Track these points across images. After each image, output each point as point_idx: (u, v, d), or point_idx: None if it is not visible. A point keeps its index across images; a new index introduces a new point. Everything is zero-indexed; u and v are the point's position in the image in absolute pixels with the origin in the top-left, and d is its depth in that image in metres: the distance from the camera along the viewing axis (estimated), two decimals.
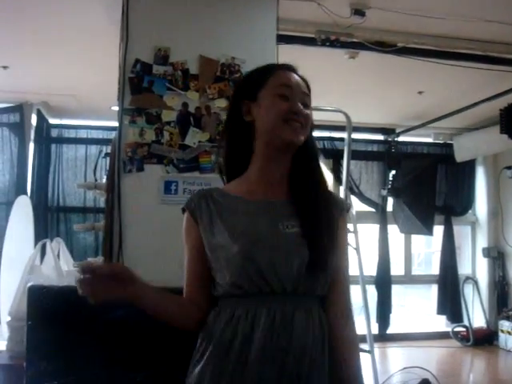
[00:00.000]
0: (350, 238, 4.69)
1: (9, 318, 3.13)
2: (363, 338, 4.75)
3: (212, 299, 1.66)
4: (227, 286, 1.59)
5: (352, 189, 7.61)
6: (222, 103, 3.18)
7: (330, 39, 4.28)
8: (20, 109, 6.68)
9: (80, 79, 5.74)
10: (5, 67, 5.40)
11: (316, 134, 6.26)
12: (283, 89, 1.67)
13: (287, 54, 3.49)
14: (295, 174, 1.73)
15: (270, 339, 1.53)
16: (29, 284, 2.45)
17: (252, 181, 1.71)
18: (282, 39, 3.73)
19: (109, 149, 5.30)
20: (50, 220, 7.06)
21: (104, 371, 2.00)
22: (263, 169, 1.70)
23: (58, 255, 3.41)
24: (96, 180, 4.51)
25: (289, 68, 1.77)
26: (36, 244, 4.54)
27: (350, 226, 4.66)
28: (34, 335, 2.38)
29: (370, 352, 4.61)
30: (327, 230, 1.66)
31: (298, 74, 1.76)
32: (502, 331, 7.58)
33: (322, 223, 1.65)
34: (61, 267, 3.28)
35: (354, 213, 4.78)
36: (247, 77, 1.84)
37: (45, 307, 2.35)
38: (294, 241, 1.60)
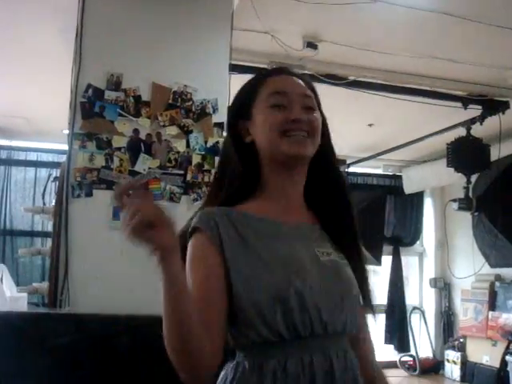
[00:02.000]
0: None
1: None
2: None
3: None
4: (272, 327, 1.27)
5: None
6: (173, 130, 3.19)
7: None
8: None
9: (33, 102, 5.69)
10: None
11: None
12: (276, 97, 1.43)
13: (240, 84, 3.54)
14: (312, 191, 1.50)
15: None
16: None
17: (271, 202, 1.44)
18: (236, 69, 3.77)
19: (59, 172, 5.26)
20: None
21: None
22: (281, 190, 1.45)
23: (1, 280, 3.34)
24: (44, 204, 4.45)
25: (282, 71, 1.52)
26: None
27: None
28: None
29: None
30: (364, 260, 1.50)
31: (296, 75, 1.51)
32: (448, 361, 7.68)
33: (361, 251, 1.48)
34: (4, 292, 3.21)
35: None
36: (238, 93, 1.54)
37: None
38: (337, 271, 1.39)
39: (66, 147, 3.23)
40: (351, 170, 8.07)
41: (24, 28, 4.06)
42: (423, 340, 8.37)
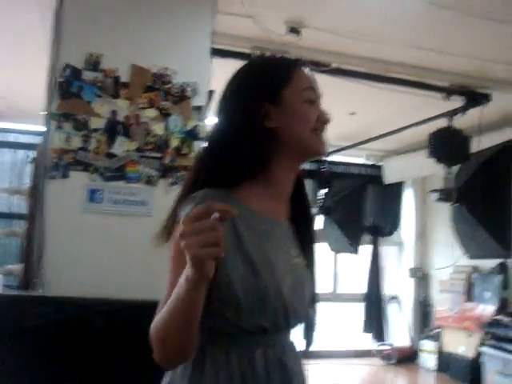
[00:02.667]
0: None
1: None
2: None
3: None
4: (243, 323, 1.32)
5: None
6: (151, 113, 3.15)
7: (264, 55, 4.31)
8: None
9: (10, 81, 5.59)
10: None
11: None
12: (311, 93, 1.43)
13: (221, 68, 3.50)
14: (297, 192, 1.52)
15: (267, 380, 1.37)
16: None
17: (269, 193, 1.44)
18: (217, 53, 3.74)
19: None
20: None
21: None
22: (280, 182, 1.45)
23: None
24: (22, 185, 4.39)
25: (304, 64, 1.52)
26: None
27: None
28: None
29: None
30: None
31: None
32: (423, 350, 7.74)
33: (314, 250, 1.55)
34: None
35: None
36: (263, 73, 1.46)
37: None
38: (303, 273, 1.46)
39: (44, 128, 3.19)
40: (332, 158, 8.06)
41: (1, 6, 3.97)
42: (400, 330, 8.42)
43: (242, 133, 1.38)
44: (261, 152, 1.39)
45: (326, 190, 7.80)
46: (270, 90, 1.42)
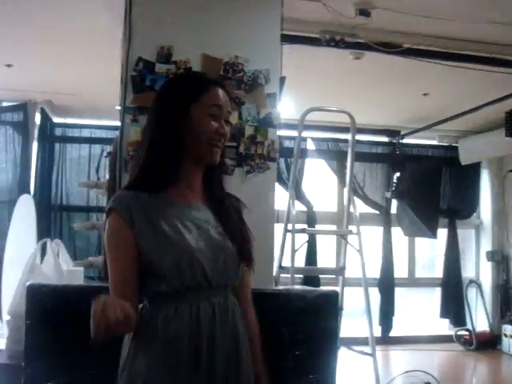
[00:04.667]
0: (353, 239, 4.64)
1: (8, 317, 3.11)
2: (365, 341, 4.72)
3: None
4: (162, 285, 1.70)
5: (356, 191, 7.57)
6: None
7: (334, 39, 4.26)
8: (24, 107, 6.67)
9: (84, 78, 5.73)
10: (9, 65, 5.39)
11: (320, 134, 6.23)
12: (214, 109, 1.77)
13: (293, 54, 3.48)
14: (207, 181, 1.88)
15: (215, 328, 1.72)
16: (28, 283, 2.43)
17: (178, 186, 1.81)
18: (286, 39, 3.70)
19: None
20: (53, 219, 7.05)
21: (102, 371, 1.97)
22: (187, 177, 1.82)
23: (58, 255, 3.38)
24: (98, 179, 4.49)
25: (220, 84, 1.86)
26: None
27: (352, 228, 4.63)
28: (32, 334, 2.36)
29: (372, 355, 4.57)
30: (243, 226, 1.90)
31: (226, 91, 1.85)
32: (506, 335, 7.53)
33: (236, 221, 1.89)
34: (61, 266, 3.25)
35: (358, 214, 4.72)
36: (178, 89, 1.84)
37: (44, 306, 2.32)
38: (223, 239, 1.80)
39: (118, 123, 3.24)
40: (405, 141, 7.91)
41: (74, 5, 4.06)
42: (480, 314, 8.20)
43: (159, 142, 1.77)
44: (173, 159, 1.77)
45: (399, 174, 7.67)
46: (181, 104, 1.77)
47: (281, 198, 3.33)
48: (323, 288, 2.58)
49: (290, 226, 4.53)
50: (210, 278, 1.73)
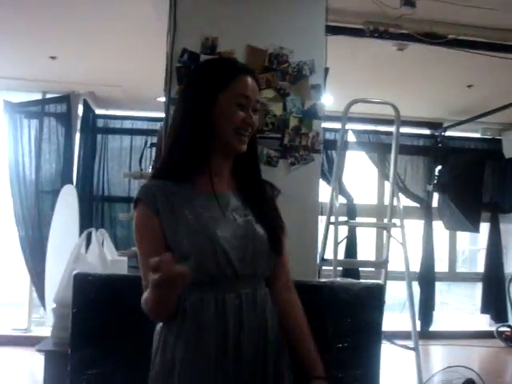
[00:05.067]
0: (396, 232, 4.60)
1: (54, 305, 3.16)
2: (408, 335, 4.68)
3: None
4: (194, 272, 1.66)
5: (397, 183, 7.50)
6: (269, 94, 3.15)
7: (378, 30, 4.22)
8: (67, 99, 6.76)
9: (126, 70, 5.78)
10: (53, 57, 5.47)
11: (361, 127, 6.17)
12: (242, 99, 1.75)
13: (335, 45, 3.46)
14: (239, 169, 1.86)
15: (241, 320, 1.71)
16: (74, 272, 2.46)
17: (206, 175, 1.77)
18: (330, 30, 3.67)
19: (154, 139, 5.34)
20: (95, 209, 7.15)
21: (147, 358, 1.99)
22: (216, 165, 1.79)
23: (102, 244, 3.42)
24: (141, 170, 4.53)
25: (249, 72, 1.82)
26: (81, 232, 4.59)
27: (396, 221, 4.59)
28: (78, 322, 2.39)
29: (415, 349, 4.54)
30: (276, 213, 1.88)
31: (253, 77, 1.82)
32: None
33: (270, 208, 1.86)
34: (105, 256, 3.29)
35: (402, 207, 4.67)
36: (207, 76, 1.82)
37: (90, 295, 2.35)
38: (250, 227, 1.77)
39: (159, 115, 3.26)
40: (448, 133, 7.80)
41: None
42: None
43: (187, 130, 1.76)
44: (202, 148, 1.75)
45: (441, 167, 7.58)
46: (209, 93, 1.75)
47: (321, 190, 3.30)
48: (368, 281, 2.55)
49: (332, 219, 4.51)
50: (237, 268, 1.72)
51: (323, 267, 4.49)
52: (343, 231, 5.03)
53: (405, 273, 4.66)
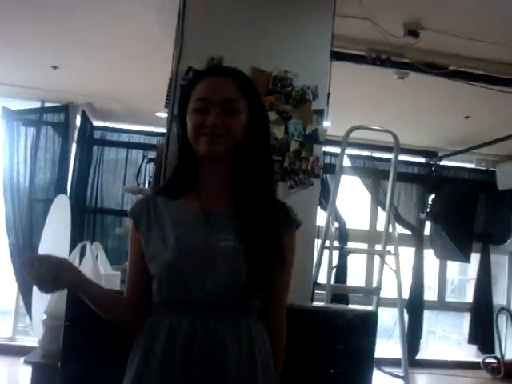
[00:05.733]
0: (390, 260, 4.59)
1: (45, 317, 3.14)
2: (395, 362, 4.66)
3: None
4: (156, 295, 1.65)
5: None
6: (272, 116, 3.13)
7: (380, 58, 4.25)
8: (65, 109, 6.77)
9: (126, 83, 5.81)
10: (55, 67, 5.47)
11: (356, 152, 6.17)
12: (198, 103, 1.67)
13: (336, 70, 3.48)
14: (238, 183, 1.70)
15: (191, 351, 1.56)
16: None
17: (198, 191, 1.70)
18: (333, 55, 3.70)
19: (151, 154, 5.33)
20: (87, 220, 7.13)
21: None
22: (203, 179, 1.71)
23: (96, 258, 3.42)
24: (138, 184, 4.53)
25: (214, 73, 1.75)
26: (72, 243, 4.57)
27: (390, 248, 4.59)
28: (70, 336, 2.38)
29: (404, 378, 4.52)
30: (270, 246, 1.63)
31: (218, 76, 1.72)
32: None
33: (263, 237, 1.63)
34: (99, 269, 3.28)
35: (396, 235, 4.66)
36: (185, 86, 1.93)
37: (83, 308, 2.34)
38: (226, 254, 1.60)
39: (156, 130, 3.26)
40: (442, 163, 7.85)
41: (122, 11, 4.11)
42: (509, 342, 8.07)
43: (178, 148, 1.77)
44: (187, 164, 1.72)
45: (435, 196, 7.61)
46: (181, 107, 1.74)
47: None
48: (361, 307, 2.56)
49: (327, 243, 4.50)
50: (193, 294, 1.58)
51: (315, 291, 4.47)
52: (336, 256, 5.02)
53: (397, 300, 4.64)
